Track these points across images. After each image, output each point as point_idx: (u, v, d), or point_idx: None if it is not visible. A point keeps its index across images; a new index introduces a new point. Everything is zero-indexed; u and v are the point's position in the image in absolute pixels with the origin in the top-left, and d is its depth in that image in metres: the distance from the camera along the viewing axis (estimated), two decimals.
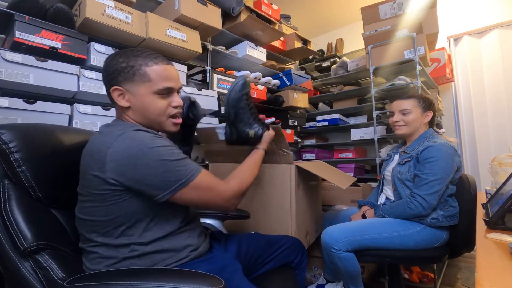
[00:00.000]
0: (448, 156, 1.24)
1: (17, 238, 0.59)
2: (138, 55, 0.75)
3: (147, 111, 0.75)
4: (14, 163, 0.65)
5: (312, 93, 3.02)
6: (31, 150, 0.68)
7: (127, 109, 0.76)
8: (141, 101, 0.75)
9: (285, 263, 1.03)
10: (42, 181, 0.69)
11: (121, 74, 0.73)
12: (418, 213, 1.21)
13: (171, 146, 0.73)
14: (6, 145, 0.64)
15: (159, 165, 0.67)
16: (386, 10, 2.32)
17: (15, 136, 0.66)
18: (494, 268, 0.50)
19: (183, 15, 1.53)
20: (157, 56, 0.77)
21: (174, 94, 0.79)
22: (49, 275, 0.59)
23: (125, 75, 0.73)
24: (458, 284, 1.77)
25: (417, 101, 1.40)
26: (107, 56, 0.77)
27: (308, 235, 1.35)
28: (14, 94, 1.08)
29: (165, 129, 0.80)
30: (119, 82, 0.74)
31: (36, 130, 0.74)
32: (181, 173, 0.70)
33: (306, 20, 3.37)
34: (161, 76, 0.75)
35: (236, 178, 0.84)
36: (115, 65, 0.74)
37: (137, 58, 0.74)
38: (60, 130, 0.82)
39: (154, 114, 0.76)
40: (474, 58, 2.74)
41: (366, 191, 1.88)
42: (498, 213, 0.72)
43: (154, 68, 0.74)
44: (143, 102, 0.75)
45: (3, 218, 0.61)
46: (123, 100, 0.75)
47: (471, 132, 2.73)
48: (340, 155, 2.80)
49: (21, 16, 1.11)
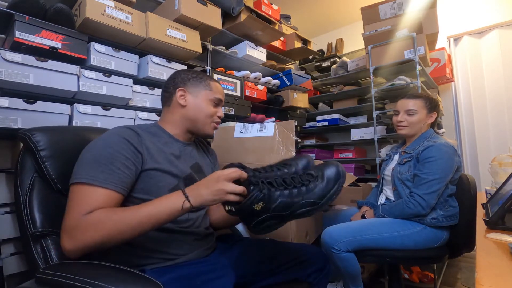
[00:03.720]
0: (447, 156, 1.24)
1: (27, 223, 0.70)
2: (204, 73, 0.98)
3: (201, 112, 0.91)
4: (39, 160, 0.75)
5: (312, 93, 3.02)
6: (54, 149, 0.78)
7: (180, 108, 0.91)
8: (199, 103, 0.91)
9: (299, 278, 0.91)
10: (61, 175, 0.77)
11: (191, 81, 0.93)
12: (417, 212, 1.21)
13: (115, 149, 0.72)
14: (35, 145, 0.76)
15: (83, 154, 0.73)
16: (386, 10, 2.32)
17: (42, 137, 0.78)
18: (494, 268, 0.50)
19: (183, 15, 1.53)
20: (212, 77, 0.99)
21: (220, 107, 0.96)
22: (46, 258, 0.69)
23: (194, 82, 0.93)
24: (458, 284, 1.77)
25: (423, 102, 1.39)
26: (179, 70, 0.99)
27: (308, 235, 1.35)
28: (14, 94, 1.08)
29: (206, 130, 0.92)
30: (187, 85, 0.92)
31: (61, 131, 0.87)
32: (79, 170, 0.69)
33: (306, 20, 3.37)
34: (218, 90, 0.95)
35: (103, 225, 0.62)
36: (187, 75, 0.94)
37: (204, 74, 0.96)
38: (82, 130, 0.94)
39: (205, 115, 0.91)
40: (474, 58, 2.74)
41: (366, 191, 1.88)
42: (498, 213, 0.72)
43: (215, 83, 0.95)
44: (201, 103, 0.91)
45: (25, 204, 0.72)
46: (183, 99, 0.91)
47: (471, 132, 2.73)
48: (340, 155, 2.80)
49: (21, 16, 1.10)
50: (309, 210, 0.67)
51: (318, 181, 0.69)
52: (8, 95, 1.06)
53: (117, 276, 0.53)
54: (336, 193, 0.69)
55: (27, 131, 0.78)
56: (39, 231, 0.70)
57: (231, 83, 1.93)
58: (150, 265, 0.74)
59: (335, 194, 0.69)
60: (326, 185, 0.68)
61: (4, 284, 1.11)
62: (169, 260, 0.77)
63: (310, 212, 0.68)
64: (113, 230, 0.61)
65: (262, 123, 1.43)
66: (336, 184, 0.69)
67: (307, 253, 0.95)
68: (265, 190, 0.65)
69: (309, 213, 0.68)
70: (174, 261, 0.77)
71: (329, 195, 0.68)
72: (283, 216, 0.67)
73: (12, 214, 1.19)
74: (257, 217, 0.66)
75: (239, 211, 0.66)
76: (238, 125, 1.48)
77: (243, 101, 1.98)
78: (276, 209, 0.65)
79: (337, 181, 0.69)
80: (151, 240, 0.75)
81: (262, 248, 0.95)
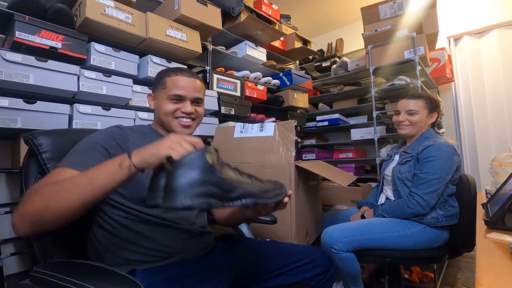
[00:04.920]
0: (447, 156, 1.24)
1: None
2: (170, 69, 0.91)
3: (161, 112, 0.87)
4: (42, 162, 0.78)
5: (312, 93, 3.02)
6: (56, 151, 0.80)
7: (154, 112, 0.91)
8: (158, 104, 0.89)
9: (302, 281, 0.88)
10: None
11: (155, 83, 0.91)
12: (417, 212, 1.22)
13: (95, 141, 0.74)
14: (37, 147, 0.79)
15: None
16: (386, 10, 2.32)
17: (45, 139, 0.80)
18: (494, 268, 0.50)
19: (183, 15, 1.53)
20: (182, 69, 0.90)
21: (186, 102, 0.87)
22: (45, 257, 0.72)
23: (156, 83, 0.90)
24: (458, 284, 1.77)
25: (424, 102, 1.39)
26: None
27: (308, 235, 1.35)
28: (14, 94, 1.08)
29: (172, 128, 0.87)
30: (153, 88, 0.93)
31: (63, 134, 0.89)
32: (67, 157, 0.70)
33: (306, 20, 3.37)
34: (175, 85, 0.86)
35: (43, 192, 0.58)
36: (155, 78, 0.92)
37: (167, 71, 0.90)
38: (83, 132, 0.94)
39: (164, 114, 0.87)
40: (474, 58, 2.74)
41: (366, 191, 1.88)
42: (498, 213, 0.72)
43: (173, 78, 0.87)
44: (160, 104, 0.88)
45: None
46: (152, 103, 0.92)
47: (471, 132, 2.73)
48: (340, 155, 2.80)
49: (21, 16, 1.10)
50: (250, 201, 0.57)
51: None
52: (8, 95, 1.06)
53: (100, 276, 0.55)
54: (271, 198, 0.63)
55: (31, 134, 0.81)
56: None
57: (231, 83, 1.93)
58: (143, 264, 0.74)
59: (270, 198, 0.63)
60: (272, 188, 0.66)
61: (4, 284, 1.11)
62: (162, 258, 0.76)
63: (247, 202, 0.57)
64: (52, 193, 0.57)
65: (262, 123, 1.43)
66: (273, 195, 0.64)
67: (310, 255, 0.91)
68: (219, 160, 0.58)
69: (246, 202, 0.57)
70: (167, 260, 0.76)
71: (272, 195, 0.64)
72: (223, 193, 0.54)
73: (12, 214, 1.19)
74: (197, 178, 0.53)
75: (182, 162, 0.54)
76: (238, 125, 1.48)
77: (243, 101, 1.98)
78: (223, 182, 0.54)
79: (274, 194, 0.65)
80: (143, 235, 0.75)
81: (262, 250, 0.92)
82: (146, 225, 0.76)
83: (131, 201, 0.76)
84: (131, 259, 0.74)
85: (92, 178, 0.58)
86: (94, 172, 0.58)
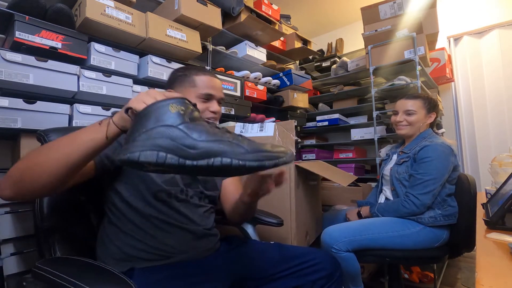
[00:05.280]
0: (443, 156, 1.25)
1: (38, 218, 0.74)
2: (193, 68, 0.92)
3: None
4: None
5: (312, 93, 3.02)
6: None
7: None
8: None
9: (305, 283, 0.86)
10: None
11: (177, 80, 0.89)
12: (412, 211, 1.22)
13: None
14: None
15: None
16: (386, 10, 2.32)
17: (56, 136, 0.78)
18: (494, 268, 0.50)
19: (183, 15, 1.53)
20: (205, 69, 0.92)
21: (213, 101, 0.88)
22: (50, 252, 0.73)
23: (180, 80, 0.89)
24: (458, 284, 1.77)
25: (422, 102, 1.39)
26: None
27: (308, 235, 1.35)
28: (14, 94, 1.08)
29: None
30: (174, 85, 0.89)
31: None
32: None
33: (306, 20, 3.37)
34: (205, 84, 0.87)
35: (29, 155, 0.56)
36: (175, 74, 0.91)
37: (191, 69, 0.90)
38: None
39: None
40: (474, 58, 2.74)
41: (366, 191, 1.88)
42: (498, 213, 0.72)
43: (202, 76, 0.88)
44: None
45: (37, 200, 0.76)
46: None
47: (471, 132, 2.72)
48: (340, 155, 2.80)
49: (21, 16, 1.10)
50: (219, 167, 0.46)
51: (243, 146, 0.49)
52: (8, 95, 1.06)
53: (95, 275, 0.55)
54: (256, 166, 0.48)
55: (43, 131, 0.80)
56: (45, 225, 0.74)
57: (231, 83, 1.93)
58: (144, 262, 0.74)
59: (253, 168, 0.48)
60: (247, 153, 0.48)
61: (4, 284, 1.11)
62: (163, 257, 0.76)
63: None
64: (34, 154, 0.55)
65: (262, 123, 1.43)
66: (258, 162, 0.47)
67: (315, 258, 0.88)
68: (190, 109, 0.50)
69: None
70: (167, 259, 0.76)
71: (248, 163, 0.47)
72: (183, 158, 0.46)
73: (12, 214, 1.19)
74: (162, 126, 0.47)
75: (141, 113, 0.49)
76: (238, 125, 1.48)
77: (243, 101, 1.98)
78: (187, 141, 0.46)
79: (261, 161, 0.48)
80: (146, 232, 0.76)
81: (266, 252, 0.90)
82: (151, 223, 0.77)
83: (136, 197, 0.77)
84: (134, 255, 0.75)
85: (74, 136, 0.55)
86: (77, 132, 0.56)
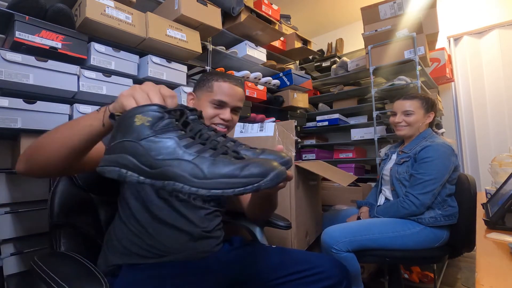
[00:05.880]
0: (444, 157, 1.24)
1: (49, 214, 0.78)
2: (219, 74, 0.93)
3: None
4: None
5: (312, 93, 3.02)
6: None
7: None
8: (198, 106, 0.90)
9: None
10: (81, 174, 0.84)
11: (200, 83, 0.93)
12: (412, 212, 1.22)
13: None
14: None
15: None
16: (386, 10, 2.32)
17: None
18: (494, 268, 0.50)
19: (183, 15, 1.53)
20: (230, 76, 0.93)
21: (226, 109, 0.89)
22: (56, 246, 0.77)
23: (201, 84, 0.92)
24: (458, 284, 1.77)
25: (420, 102, 1.40)
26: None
27: (308, 235, 1.35)
28: (14, 94, 1.08)
29: None
30: (196, 88, 0.94)
31: None
32: None
33: (306, 20, 3.37)
34: (221, 90, 0.88)
35: (42, 135, 0.59)
36: (201, 77, 0.95)
37: (215, 75, 0.92)
38: None
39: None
40: (474, 58, 2.74)
41: (366, 191, 1.88)
42: (498, 213, 0.72)
43: (221, 83, 0.89)
44: (199, 106, 0.90)
45: (50, 197, 0.80)
46: (191, 103, 0.94)
47: (471, 132, 2.73)
48: (340, 155, 2.80)
49: (21, 16, 1.10)
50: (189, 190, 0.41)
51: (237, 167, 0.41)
52: (8, 95, 1.06)
53: (71, 271, 0.58)
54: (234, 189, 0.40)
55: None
56: (55, 221, 0.78)
57: None
58: (140, 258, 0.75)
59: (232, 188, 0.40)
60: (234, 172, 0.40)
61: (4, 284, 1.11)
62: (156, 255, 0.76)
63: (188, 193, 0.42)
64: (45, 135, 0.58)
65: (262, 123, 1.43)
66: (249, 182, 0.40)
67: (320, 265, 0.81)
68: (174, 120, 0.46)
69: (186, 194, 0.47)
70: (160, 258, 0.76)
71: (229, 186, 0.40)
72: (151, 168, 0.42)
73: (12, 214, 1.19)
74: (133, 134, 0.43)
75: (121, 118, 0.46)
76: (238, 125, 1.48)
77: None
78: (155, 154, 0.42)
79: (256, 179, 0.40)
80: (146, 230, 0.76)
81: (265, 256, 0.86)
82: (151, 220, 0.77)
83: (140, 192, 0.79)
84: (130, 250, 0.75)
85: (76, 122, 0.56)
86: (79, 118, 0.57)
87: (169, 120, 0.45)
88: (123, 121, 0.45)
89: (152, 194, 0.78)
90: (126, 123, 0.44)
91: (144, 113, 0.44)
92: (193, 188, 0.40)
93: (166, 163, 0.42)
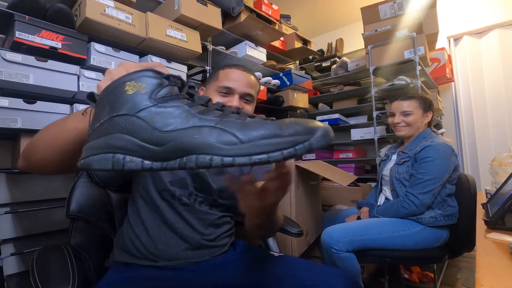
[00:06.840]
0: (445, 156, 1.25)
1: (66, 208, 0.81)
2: (227, 64, 0.89)
3: None
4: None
5: (312, 93, 3.02)
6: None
7: None
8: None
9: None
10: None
11: (208, 77, 0.91)
12: (411, 211, 1.23)
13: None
14: None
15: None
16: (386, 10, 2.32)
17: None
18: (494, 268, 0.50)
19: (183, 15, 1.53)
20: (238, 65, 0.88)
21: (234, 95, 0.82)
22: (69, 239, 0.81)
23: (209, 78, 0.90)
24: (458, 284, 1.77)
25: (418, 102, 1.40)
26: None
27: (308, 235, 1.35)
28: (14, 94, 1.08)
29: None
30: (206, 82, 0.91)
31: None
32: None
33: (306, 20, 3.37)
34: (227, 77, 0.83)
35: (39, 131, 0.59)
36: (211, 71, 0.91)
37: (223, 66, 0.88)
38: None
39: None
40: (474, 58, 2.74)
41: (366, 191, 1.88)
42: (498, 213, 0.72)
43: (226, 70, 0.85)
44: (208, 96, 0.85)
45: (70, 191, 0.84)
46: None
47: (471, 132, 2.73)
48: (340, 155, 2.80)
49: (21, 16, 1.10)
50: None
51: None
52: (8, 95, 1.06)
53: (50, 267, 0.64)
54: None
55: None
56: (69, 214, 0.81)
57: None
58: (135, 259, 0.74)
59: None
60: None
61: (4, 284, 1.11)
62: (149, 259, 0.73)
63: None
64: (39, 133, 0.58)
65: None
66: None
67: (328, 281, 0.67)
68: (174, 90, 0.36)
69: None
70: (152, 262, 0.73)
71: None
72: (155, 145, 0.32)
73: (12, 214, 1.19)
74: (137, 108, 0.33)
75: (104, 92, 0.37)
76: None
77: None
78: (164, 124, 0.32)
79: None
80: (146, 232, 0.75)
81: (266, 264, 0.76)
82: (153, 221, 0.76)
83: (146, 192, 0.79)
84: (129, 248, 0.76)
85: (63, 122, 0.54)
86: (66, 118, 0.55)
87: (170, 87, 0.35)
88: (108, 94, 0.34)
89: (156, 195, 0.77)
90: (113, 95, 0.34)
91: (137, 79, 0.34)
92: (226, 158, 0.30)
93: (180, 133, 0.31)
